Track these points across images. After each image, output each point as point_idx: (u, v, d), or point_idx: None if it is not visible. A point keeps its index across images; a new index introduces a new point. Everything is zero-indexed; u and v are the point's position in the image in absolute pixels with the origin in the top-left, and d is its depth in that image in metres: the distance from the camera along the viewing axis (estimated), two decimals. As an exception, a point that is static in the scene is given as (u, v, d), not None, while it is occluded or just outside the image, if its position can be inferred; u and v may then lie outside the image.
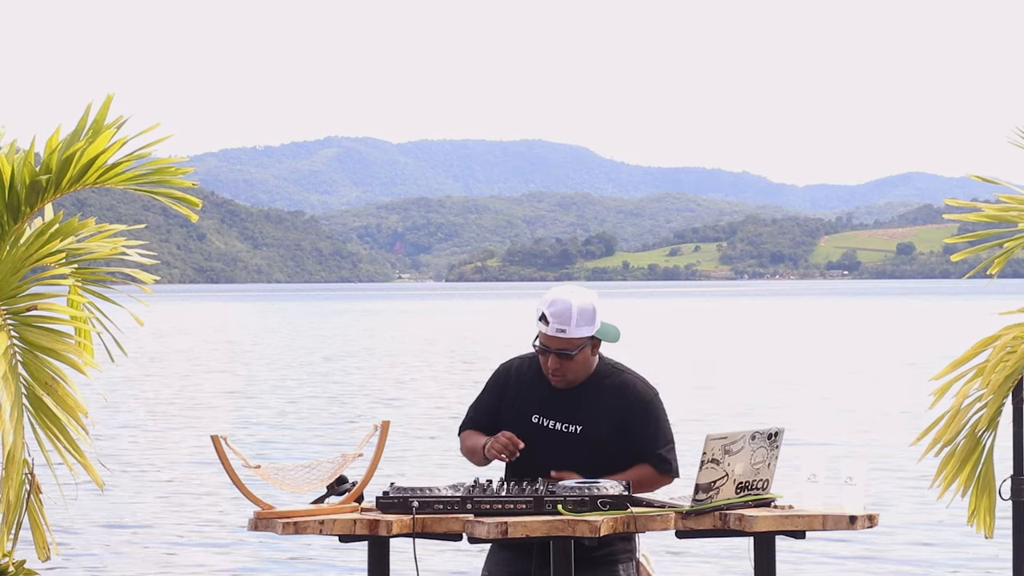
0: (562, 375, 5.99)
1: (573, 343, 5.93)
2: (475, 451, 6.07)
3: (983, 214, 6.43)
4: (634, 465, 5.98)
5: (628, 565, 6.04)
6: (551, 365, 5.98)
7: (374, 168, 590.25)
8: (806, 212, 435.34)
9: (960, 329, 54.91)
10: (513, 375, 6.16)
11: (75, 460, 5.43)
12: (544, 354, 6.00)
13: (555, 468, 5.95)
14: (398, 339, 57.52)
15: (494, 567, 6.10)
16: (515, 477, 5.92)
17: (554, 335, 5.93)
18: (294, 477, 5.65)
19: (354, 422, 24.04)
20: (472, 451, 6.11)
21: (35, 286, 5.54)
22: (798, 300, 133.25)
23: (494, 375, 6.22)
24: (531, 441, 5.99)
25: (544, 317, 5.94)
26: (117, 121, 5.49)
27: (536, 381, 6.10)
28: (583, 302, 5.94)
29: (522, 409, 6.08)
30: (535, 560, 5.92)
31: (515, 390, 6.12)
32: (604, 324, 6.04)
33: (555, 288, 6.06)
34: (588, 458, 5.98)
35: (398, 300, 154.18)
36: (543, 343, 5.98)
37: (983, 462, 6.33)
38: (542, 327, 5.96)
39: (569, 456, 6.00)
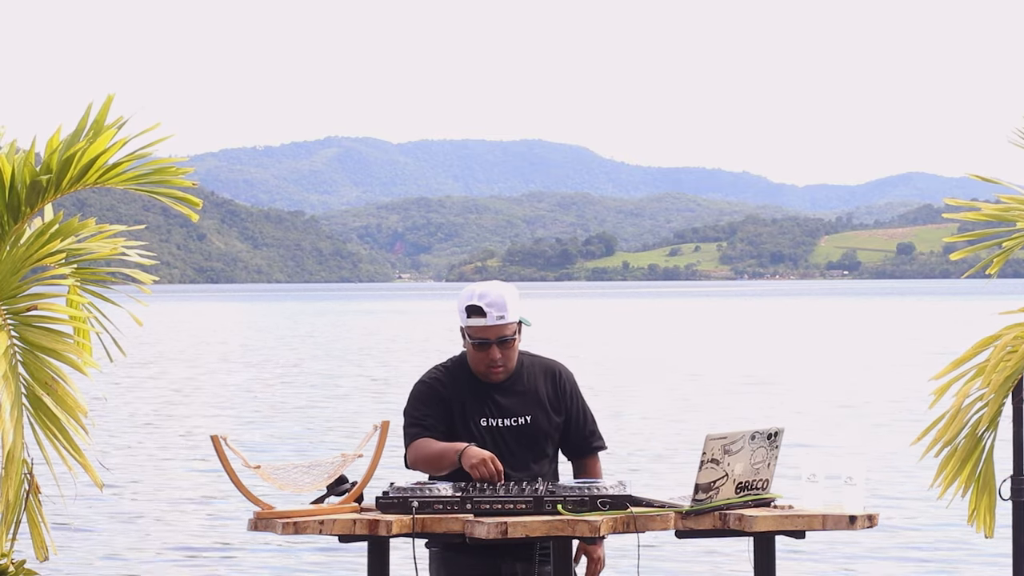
0: (504, 364, 6.06)
1: (511, 327, 6.05)
2: (442, 455, 5.92)
3: (983, 214, 6.43)
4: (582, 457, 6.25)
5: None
6: (493, 356, 6.03)
7: (374, 168, 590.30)
8: (806, 212, 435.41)
9: (960, 329, 54.93)
10: (444, 385, 6.12)
11: (74, 460, 5.43)
12: (483, 348, 6.03)
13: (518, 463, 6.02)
14: (398, 339, 57.52)
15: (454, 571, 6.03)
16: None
17: (495, 324, 6.01)
18: (294, 477, 5.65)
19: (354, 422, 24.04)
20: (437, 456, 5.94)
21: (35, 286, 5.54)
22: (798, 300, 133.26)
23: (422, 390, 6.14)
24: (491, 445, 6.02)
25: (479, 310, 6.01)
26: (117, 121, 5.49)
27: (466, 385, 6.11)
28: (508, 288, 6.12)
29: (467, 417, 6.08)
30: (504, 560, 5.94)
31: (451, 399, 6.10)
32: None
33: (471, 285, 6.18)
34: (542, 445, 6.12)
35: (398, 300, 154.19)
36: (481, 336, 6.03)
37: (983, 462, 6.32)
38: (477, 321, 6.01)
39: (527, 448, 6.09)
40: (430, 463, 5.99)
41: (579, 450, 6.26)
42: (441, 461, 5.94)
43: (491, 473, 5.80)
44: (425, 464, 6.01)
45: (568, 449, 6.27)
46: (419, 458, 6.01)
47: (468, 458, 5.84)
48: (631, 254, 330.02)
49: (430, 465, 5.99)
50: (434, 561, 6.07)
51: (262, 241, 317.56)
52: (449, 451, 5.91)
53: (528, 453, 6.10)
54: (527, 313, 6.19)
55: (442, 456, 5.93)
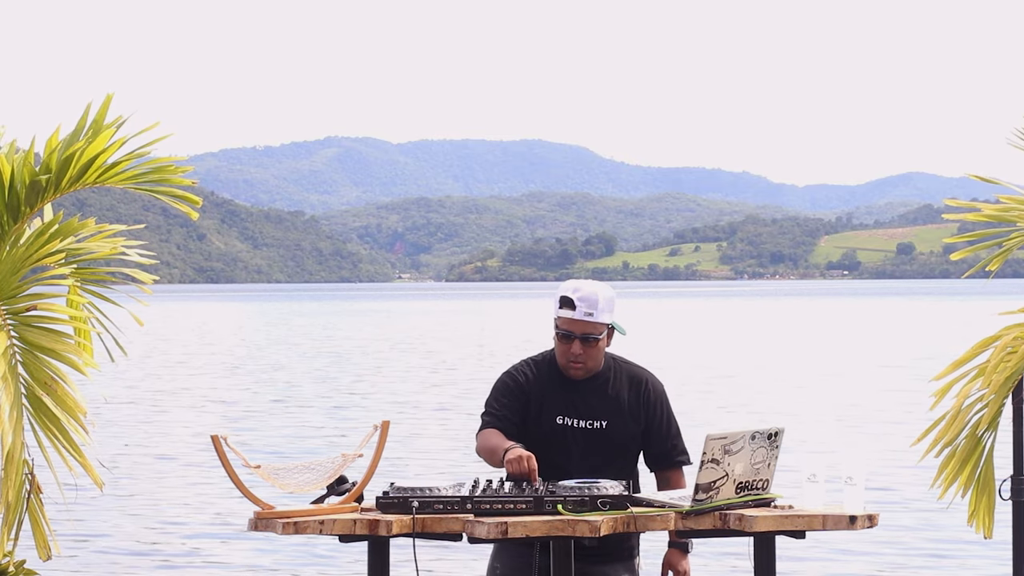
0: (583, 362, 6.05)
1: (599, 328, 6.03)
2: (495, 451, 5.96)
3: (983, 214, 6.43)
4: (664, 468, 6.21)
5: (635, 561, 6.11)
6: (575, 351, 6.02)
7: (374, 168, 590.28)
8: (806, 212, 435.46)
9: (960, 329, 54.91)
10: (527, 379, 6.14)
11: (75, 460, 5.42)
12: (567, 340, 6.03)
13: (586, 466, 6.00)
14: (398, 339, 57.51)
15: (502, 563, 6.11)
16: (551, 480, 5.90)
17: (581, 319, 5.99)
18: (294, 477, 5.65)
19: (354, 422, 24.03)
20: (492, 451, 5.99)
21: (35, 286, 5.54)
22: (798, 300, 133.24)
23: (506, 380, 6.17)
24: (560, 443, 6.04)
25: (570, 302, 6.00)
26: (117, 121, 5.49)
27: (550, 382, 6.12)
28: (606, 290, 6.09)
29: (544, 412, 6.10)
30: (537, 553, 5.95)
31: (533, 393, 6.12)
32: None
33: (573, 279, 6.16)
34: (614, 452, 6.10)
35: (398, 300, 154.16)
36: (566, 328, 6.02)
37: (983, 462, 6.32)
38: (566, 313, 6.00)
39: (597, 452, 6.08)
40: (486, 455, 6.05)
41: (660, 461, 6.21)
42: (493, 456, 5.98)
43: (523, 470, 5.79)
44: (484, 454, 6.07)
45: (649, 459, 6.23)
46: (481, 448, 6.08)
47: (509, 455, 5.87)
48: (631, 254, 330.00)
49: (487, 456, 6.05)
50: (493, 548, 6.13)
51: (262, 241, 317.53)
52: (500, 448, 5.95)
53: (598, 458, 6.07)
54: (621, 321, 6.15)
55: (494, 451, 5.97)
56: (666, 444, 6.18)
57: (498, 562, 6.16)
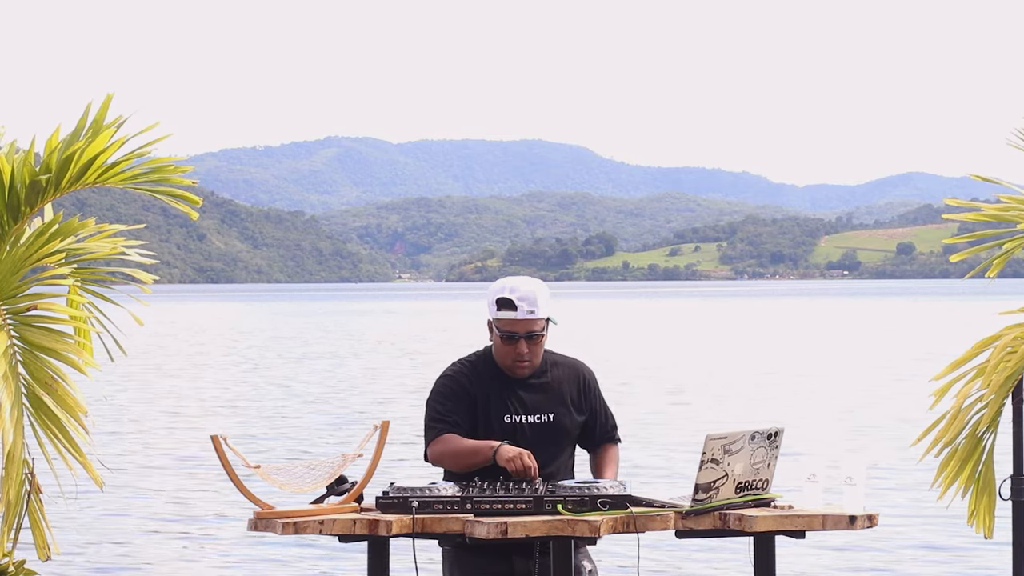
0: (530, 360, 6.06)
1: (541, 323, 6.06)
2: (476, 451, 5.92)
3: (983, 214, 6.43)
4: (600, 447, 6.28)
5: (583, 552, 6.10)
6: (520, 351, 6.03)
7: (374, 168, 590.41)
8: (806, 212, 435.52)
9: (960, 329, 54.90)
10: (468, 380, 6.10)
11: (75, 460, 5.42)
12: (511, 341, 6.03)
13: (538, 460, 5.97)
14: (398, 339, 57.51)
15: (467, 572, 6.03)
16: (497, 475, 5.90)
17: (524, 318, 6.01)
18: (294, 477, 5.65)
19: (354, 422, 24.04)
20: (469, 452, 5.94)
21: (35, 286, 5.54)
22: (798, 300, 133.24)
23: (446, 384, 6.10)
24: (511, 441, 6.00)
25: (510, 303, 6.01)
26: (117, 121, 5.49)
27: (491, 382, 6.10)
28: (540, 285, 6.14)
29: (491, 413, 6.07)
30: (514, 561, 5.94)
31: (475, 394, 6.08)
32: None
33: (503, 279, 6.17)
34: (563, 443, 6.13)
35: (399, 300, 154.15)
36: (509, 329, 6.02)
37: (983, 462, 6.32)
38: (507, 314, 6.01)
39: (548, 445, 6.08)
40: (458, 459, 5.97)
41: (599, 439, 6.30)
42: (474, 457, 5.93)
43: (526, 467, 5.80)
44: (452, 460, 5.99)
45: (587, 443, 6.30)
46: (446, 453, 6.00)
47: (504, 454, 5.85)
48: (631, 254, 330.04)
49: (457, 461, 5.97)
50: (447, 559, 6.06)
51: (262, 241, 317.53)
52: (483, 448, 5.92)
53: (548, 450, 6.09)
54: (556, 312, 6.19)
55: (475, 452, 5.92)
56: (605, 427, 6.28)
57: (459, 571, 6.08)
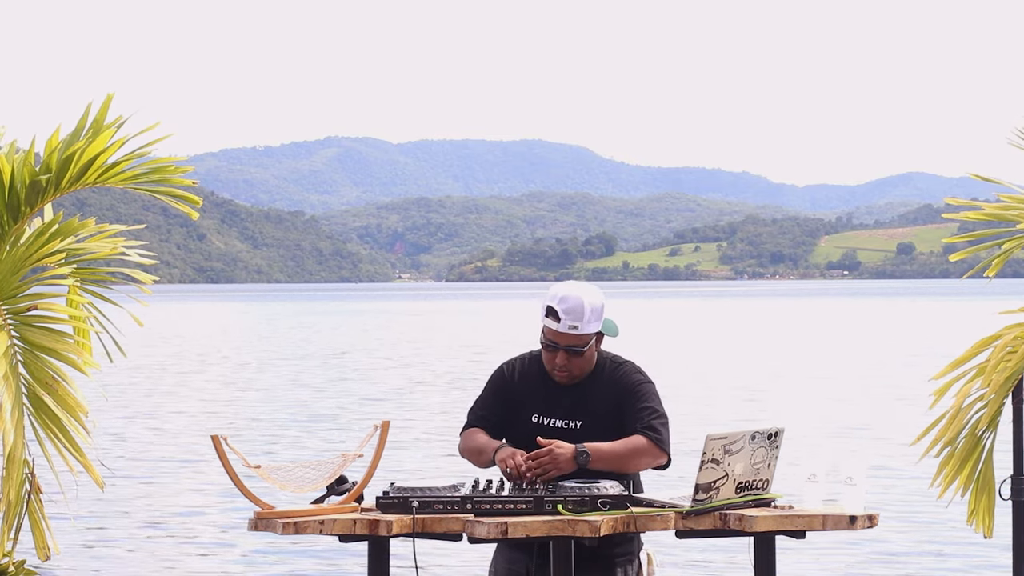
0: (568, 371, 5.95)
1: (584, 339, 5.90)
2: (482, 451, 5.96)
3: (983, 213, 6.43)
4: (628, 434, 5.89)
5: (629, 568, 6.05)
6: (559, 362, 5.92)
7: (374, 168, 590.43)
8: (806, 212, 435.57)
9: (960, 329, 54.89)
10: (515, 375, 6.11)
11: (75, 460, 5.42)
12: (551, 350, 5.93)
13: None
14: (398, 339, 57.51)
15: (500, 566, 6.11)
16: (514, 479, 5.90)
17: (565, 332, 5.87)
18: (294, 477, 5.65)
19: (354, 422, 24.04)
20: (478, 451, 5.99)
21: (35, 286, 5.54)
22: (798, 300, 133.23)
23: (495, 376, 6.15)
24: (529, 440, 5.95)
25: (554, 313, 5.87)
26: (117, 121, 5.49)
27: (538, 379, 6.06)
28: (593, 299, 5.91)
29: (523, 408, 6.06)
30: (534, 559, 5.93)
31: (517, 390, 6.09)
32: (605, 319, 6.03)
33: (562, 284, 6.00)
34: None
35: (399, 300, 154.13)
36: (551, 339, 5.92)
37: (983, 462, 6.32)
38: (550, 323, 5.89)
39: None
40: (472, 454, 6.05)
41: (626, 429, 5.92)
42: (481, 456, 5.98)
43: (517, 466, 5.77)
44: (468, 455, 6.09)
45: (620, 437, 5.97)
46: (465, 448, 6.10)
47: (499, 455, 5.88)
48: (631, 254, 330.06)
49: (472, 456, 6.06)
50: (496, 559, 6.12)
51: (262, 241, 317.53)
52: (488, 447, 5.96)
53: None
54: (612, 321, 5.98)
55: (482, 451, 5.97)
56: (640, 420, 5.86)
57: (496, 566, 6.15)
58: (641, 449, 5.84)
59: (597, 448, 5.80)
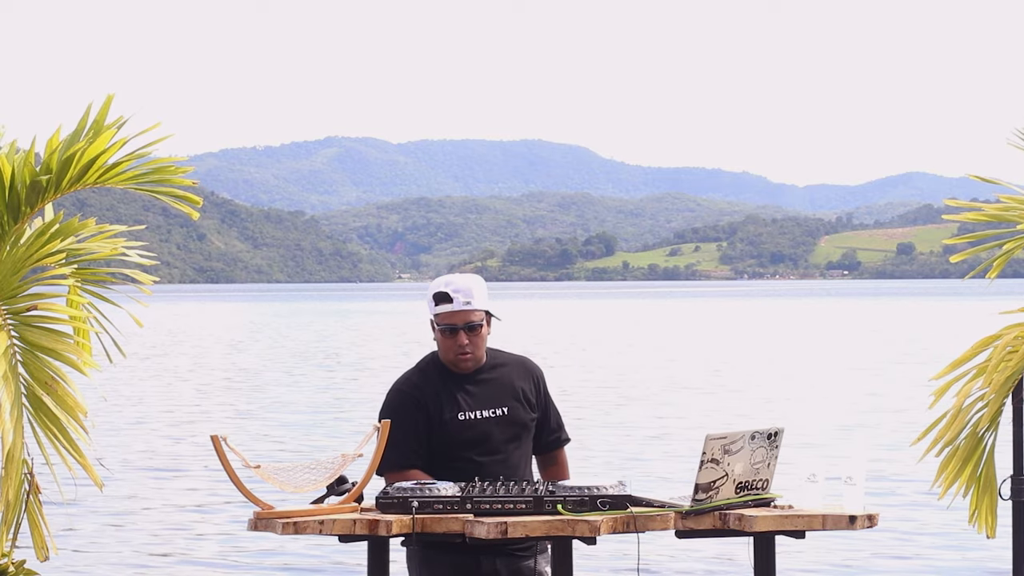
0: (471, 352, 6.05)
1: (479, 315, 6.05)
2: None
3: (983, 214, 6.43)
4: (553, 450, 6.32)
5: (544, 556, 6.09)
6: (461, 342, 6.02)
7: (374, 168, 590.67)
8: (806, 212, 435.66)
9: (960, 329, 54.90)
10: (418, 390, 6.09)
11: (74, 460, 5.42)
12: (452, 333, 6.02)
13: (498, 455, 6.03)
14: (398, 338, 57.51)
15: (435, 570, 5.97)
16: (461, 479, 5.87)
17: (462, 308, 6.01)
18: (294, 477, 5.65)
19: (354, 422, 24.04)
20: None
21: (35, 286, 5.54)
22: (798, 300, 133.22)
23: (400, 400, 6.07)
24: (468, 438, 6.02)
25: (446, 296, 6.03)
26: (117, 121, 5.49)
27: (442, 383, 6.09)
28: (474, 278, 6.14)
29: (445, 413, 6.05)
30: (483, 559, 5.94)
31: (428, 401, 6.06)
32: None
33: (439, 277, 6.19)
34: (520, 436, 6.13)
35: (399, 300, 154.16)
36: (448, 322, 6.02)
37: (984, 462, 6.32)
38: (444, 307, 6.02)
39: (504, 439, 6.08)
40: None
41: (549, 445, 6.31)
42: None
43: None
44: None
45: (539, 446, 6.28)
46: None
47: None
48: (631, 254, 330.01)
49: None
50: (412, 559, 6.00)
51: (262, 241, 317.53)
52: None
53: (508, 444, 6.10)
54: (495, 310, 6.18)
55: None
56: (554, 427, 6.30)
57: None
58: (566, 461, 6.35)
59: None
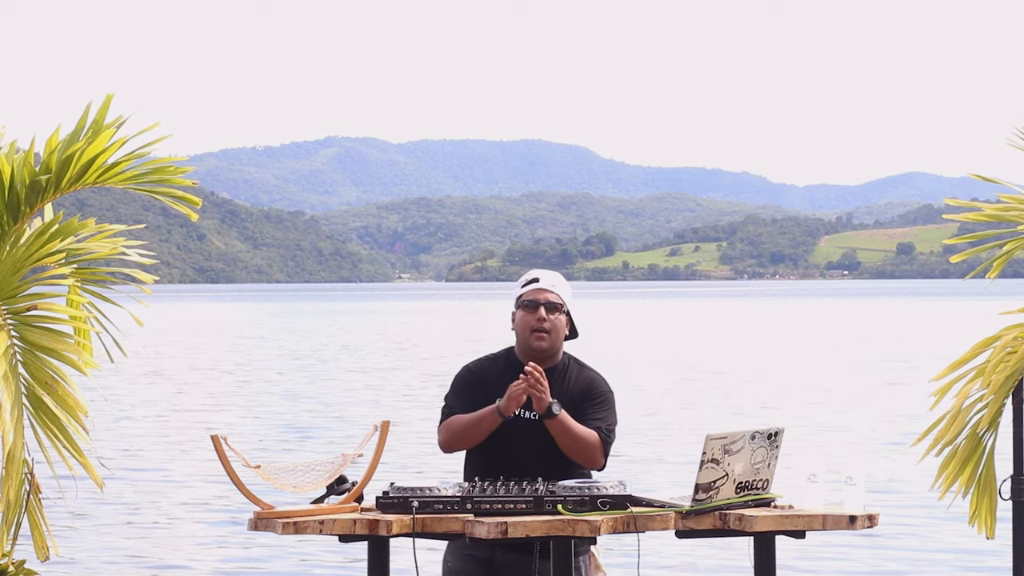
0: (547, 332, 6.11)
1: (562, 301, 6.15)
2: (480, 417, 5.99)
3: (983, 214, 6.42)
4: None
5: (584, 557, 6.08)
6: (540, 316, 6.11)
7: (374, 168, 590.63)
8: (806, 212, 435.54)
9: (960, 329, 54.89)
10: (481, 372, 6.21)
11: (75, 460, 5.42)
12: (532, 308, 6.12)
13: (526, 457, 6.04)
14: (398, 338, 57.51)
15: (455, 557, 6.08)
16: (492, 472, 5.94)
17: (546, 288, 6.15)
18: (294, 477, 5.65)
19: (354, 422, 24.03)
20: (474, 422, 6.01)
21: (35, 286, 5.54)
22: (798, 300, 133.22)
23: (461, 375, 6.25)
24: (505, 433, 6.04)
25: (535, 279, 6.18)
26: (117, 121, 5.49)
27: (504, 375, 6.15)
28: (563, 278, 6.31)
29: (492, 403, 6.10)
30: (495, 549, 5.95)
31: (485, 386, 6.15)
32: None
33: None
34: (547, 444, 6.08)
35: (399, 300, 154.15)
36: (532, 298, 6.14)
37: (984, 463, 6.32)
38: (531, 287, 6.16)
39: (535, 445, 6.08)
40: (465, 431, 6.04)
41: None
42: (479, 425, 6.01)
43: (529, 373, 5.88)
44: (460, 434, 6.06)
45: None
46: (453, 432, 6.07)
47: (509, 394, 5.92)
48: (631, 254, 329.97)
49: (465, 432, 6.04)
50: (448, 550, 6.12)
51: (262, 241, 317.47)
52: (486, 413, 5.99)
53: (534, 449, 6.08)
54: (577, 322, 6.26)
55: (480, 420, 6.01)
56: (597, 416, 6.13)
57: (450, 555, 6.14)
58: (592, 444, 6.05)
59: (565, 416, 5.98)
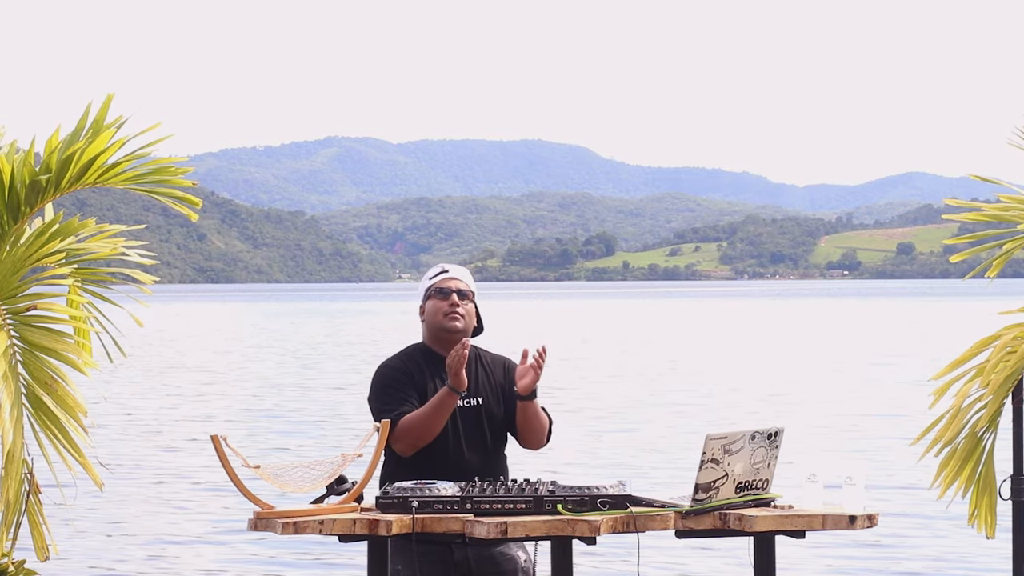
0: (460, 315, 6.24)
1: (470, 290, 6.33)
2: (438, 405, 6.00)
3: (983, 214, 6.42)
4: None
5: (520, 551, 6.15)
6: (452, 302, 6.25)
7: (374, 168, 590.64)
8: (806, 212, 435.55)
9: (960, 329, 54.88)
10: (407, 368, 6.24)
11: (74, 460, 5.42)
12: (444, 295, 6.26)
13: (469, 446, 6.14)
14: (397, 338, 57.50)
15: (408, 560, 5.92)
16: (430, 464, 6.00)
17: (455, 277, 6.32)
18: (294, 477, 5.65)
19: (353, 422, 24.04)
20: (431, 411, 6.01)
21: (35, 286, 5.54)
22: (798, 300, 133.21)
23: (390, 374, 6.24)
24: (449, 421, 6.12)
25: (443, 270, 6.37)
26: (117, 121, 5.49)
27: (427, 368, 6.23)
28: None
29: (425, 396, 6.17)
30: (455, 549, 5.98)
31: (415, 379, 6.20)
32: None
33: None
34: (491, 430, 6.21)
35: (399, 301, 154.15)
36: (443, 286, 6.29)
37: (983, 462, 6.32)
38: (440, 277, 6.32)
39: (474, 429, 6.18)
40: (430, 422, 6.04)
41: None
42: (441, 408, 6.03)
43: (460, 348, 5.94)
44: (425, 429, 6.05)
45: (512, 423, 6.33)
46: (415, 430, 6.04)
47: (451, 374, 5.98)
48: (631, 254, 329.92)
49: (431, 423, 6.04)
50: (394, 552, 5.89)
51: (262, 241, 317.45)
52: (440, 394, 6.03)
53: (475, 435, 6.18)
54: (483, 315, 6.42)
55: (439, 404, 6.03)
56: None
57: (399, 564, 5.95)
58: (547, 429, 6.28)
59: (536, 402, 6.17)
